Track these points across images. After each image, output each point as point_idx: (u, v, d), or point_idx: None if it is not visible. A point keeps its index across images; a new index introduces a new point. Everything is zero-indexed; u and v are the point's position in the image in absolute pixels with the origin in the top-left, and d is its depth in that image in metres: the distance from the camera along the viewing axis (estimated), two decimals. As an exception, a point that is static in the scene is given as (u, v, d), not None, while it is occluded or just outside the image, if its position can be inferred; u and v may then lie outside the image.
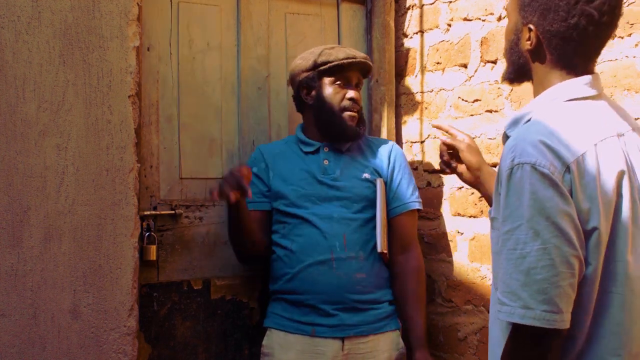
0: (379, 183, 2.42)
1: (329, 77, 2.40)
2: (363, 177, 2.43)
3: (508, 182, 1.34)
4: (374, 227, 2.39)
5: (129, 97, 2.18)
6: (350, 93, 2.40)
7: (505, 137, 1.52)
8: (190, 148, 2.50)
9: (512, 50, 1.52)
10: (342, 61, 2.38)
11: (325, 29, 2.78)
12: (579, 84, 1.44)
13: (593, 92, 1.45)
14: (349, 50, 2.43)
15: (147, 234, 2.34)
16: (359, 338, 2.32)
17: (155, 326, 2.38)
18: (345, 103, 2.39)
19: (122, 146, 2.16)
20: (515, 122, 1.50)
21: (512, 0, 1.52)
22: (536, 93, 1.50)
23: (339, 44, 2.79)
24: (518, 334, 1.32)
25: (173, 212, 2.41)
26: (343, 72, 2.40)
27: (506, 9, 1.56)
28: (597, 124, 1.41)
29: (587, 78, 1.45)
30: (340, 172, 2.42)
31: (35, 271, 2.05)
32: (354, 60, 2.39)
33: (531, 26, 1.45)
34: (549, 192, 1.30)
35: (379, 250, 2.37)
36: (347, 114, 2.40)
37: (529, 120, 1.45)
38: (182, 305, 2.43)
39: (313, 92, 2.43)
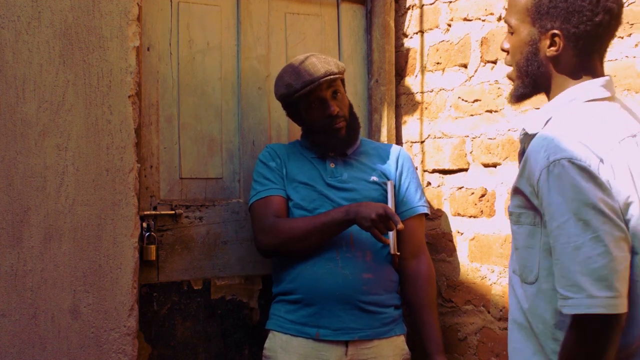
0: (390, 185, 2.41)
1: (303, 102, 2.38)
2: (371, 179, 2.42)
3: (547, 179, 1.37)
4: None
5: (129, 97, 2.18)
6: (328, 109, 2.37)
7: (527, 136, 1.53)
8: (190, 148, 2.50)
9: (530, 61, 1.51)
10: (301, 92, 2.34)
11: (325, 29, 2.78)
12: (596, 86, 1.47)
13: (607, 94, 1.48)
14: (310, 67, 2.35)
15: (147, 234, 2.34)
16: (363, 343, 2.29)
17: (155, 326, 2.38)
18: (326, 121, 2.38)
19: (122, 146, 2.16)
20: (535, 122, 1.52)
21: (517, 12, 1.51)
22: (554, 97, 1.52)
23: (339, 44, 2.79)
24: (584, 325, 1.33)
25: (173, 212, 2.41)
26: (312, 94, 2.36)
27: (508, 23, 1.55)
28: (615, 124, 1.44)
29: (602, 80, 1.48)
30: (347, 175, 2.42)
31: (35, 271, 2.05)
32: (312, 85, 2.32)
33: (556, 31, 1.46)
34: (589, 184, 1.34)
35: (391, 252, 2.34)
36: (334, 128, 2.39)
37: (549, 119, 1.48)
38: (182, 305, 2.43)
39: (297, 116, 2.46)
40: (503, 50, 1.59)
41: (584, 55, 1.47)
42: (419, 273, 2.43)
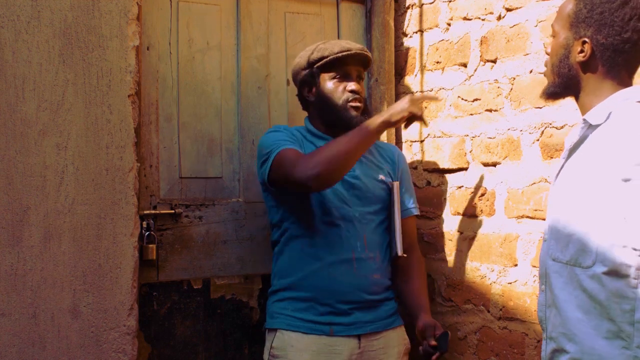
0: (396, 187, 2.40)
1: (327, 72, 2.36)
2: (379, 178, 2.42)
3: None
4: (386, 229, 2.39)
5: (128, 96, 2.18)
6: (351, 85, 2.35)
7: (591, 127, 1.62)
8: (190, 147, 2.50)
9: (562, 63, 1.67)
10: (336, 55, 2.34)
11: (325, 29, 2.78)
12: None
13: None
14: (345, 43, 2.39)
15: (147, 233, 2.34)
16: (374, 335, 2.32)
17: (155, 325, 2.39)
18: (347, 95, 2.34)
19: (121, 145, 2.16)
20: (596, 115, 1.61)
21: (561, 19, 1.67)
22: (587, 103, 1.65)
23: (338, 43, 2.79)
24: None
25: (173, 211, 2.41)
26: (341, 66, 2.35)
27: (553, 28, 1.69)
28: None
29: None
30: (359, 171, 2.38)
31: (35, 271, 2.05)
32: (349, 52, 2.34)
33: (586, 39, 1.62)
34: None
35: (399, 254, 2.36)
36: (350, 105, 2.34)
37: (610, 113, 1.58)
38: (181, 304, 2.43)
39: (314, 89, 2.39)
40: (547, 53, 1.74)
41: (610, 66, 1.61)
42: (410, 265, 2.46)
